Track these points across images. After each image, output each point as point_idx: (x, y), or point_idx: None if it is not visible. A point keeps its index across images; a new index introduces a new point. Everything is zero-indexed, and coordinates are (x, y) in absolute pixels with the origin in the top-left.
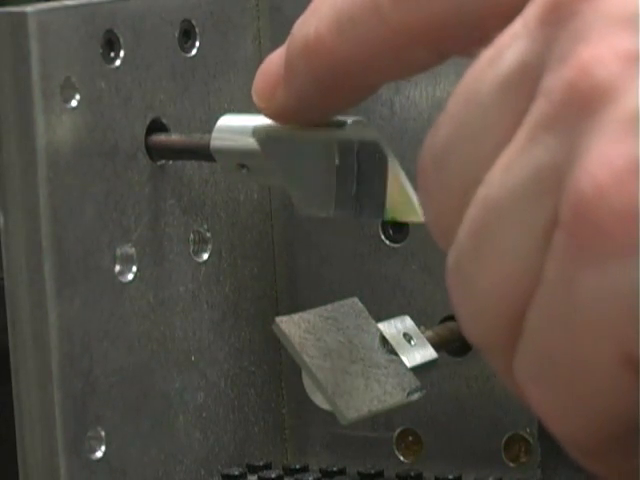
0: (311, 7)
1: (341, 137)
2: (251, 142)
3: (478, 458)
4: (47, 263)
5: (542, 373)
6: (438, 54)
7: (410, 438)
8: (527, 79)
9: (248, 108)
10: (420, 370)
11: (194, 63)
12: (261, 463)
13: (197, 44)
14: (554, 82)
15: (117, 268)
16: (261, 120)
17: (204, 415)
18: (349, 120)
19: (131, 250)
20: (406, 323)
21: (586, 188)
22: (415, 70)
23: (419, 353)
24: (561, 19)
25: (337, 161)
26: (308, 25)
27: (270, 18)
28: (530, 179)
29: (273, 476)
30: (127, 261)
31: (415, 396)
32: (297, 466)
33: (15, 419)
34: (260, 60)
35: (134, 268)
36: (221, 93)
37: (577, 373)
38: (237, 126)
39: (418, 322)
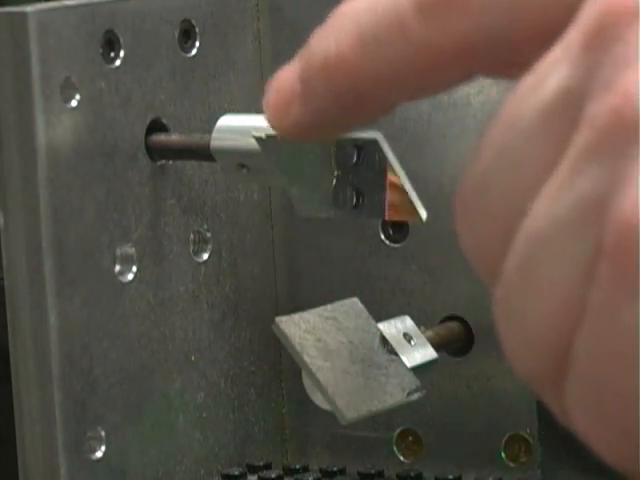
0: (330, 22)
1: (341, 137)
2: (251, 142)
3: (478, 458)
4: (47, 263)
5: (592, 402)
6: (465, 74)
7: (410, 438)
8: (570, 106)
9: (248, 108)
10: (420, 370)
11: (194, 63)
12: (261, 463)
13: (197, 44)
14: (597, 109)
15: (117, 268)
16: (261, 120)
17: (204, 415)
18: None
19: (131, 250)
20: (406, 323)
21: (629, 216)
22: (440, 89)
23: (419, 353)
24: (604, 45)
25: (337, 161)
26: (328, 41)
27: (270, 18)
28: (575, 210)
29: (273, 476)
30: (127, 261)
31: (415, 396)
32: (297, 466)
33: (15, 419)
34: (260, 60)
35: (134, 268)
36: (221, 93)
37: (626, 402)
38: (237, 126)
39: (418, 322)
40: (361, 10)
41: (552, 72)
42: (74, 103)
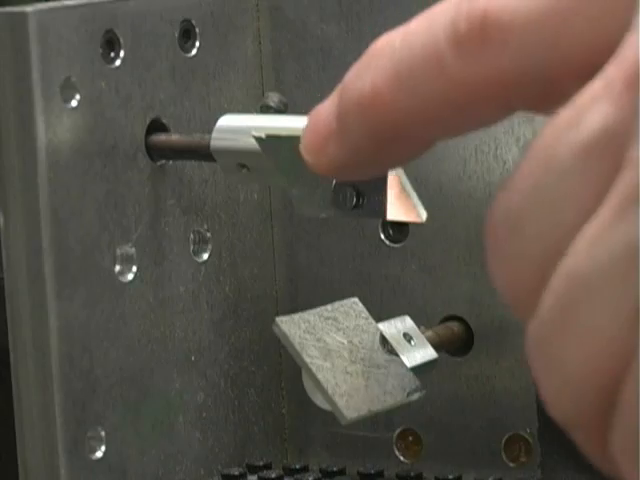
0: (365, 58)
1: None
2: (251, 142)
3: (478, 458)
4: (47, 263)
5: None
6: (505, 110)
7: (410, 438)
8: (612, 146)
9: (248, 108)
10: (420, 370)
11: (194, 63)
12: (261, 463)
13: (197, 44)
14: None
15: (117, 268)
16: (261, 120)
17: (204, 415)
18: None
19: (131, 250)
20: (406, 323)
21: None
22: (480, 125)
23: (419, 353)
24: None
25: None
26: (363, 78)
27: (270, 18)
28: (621, 256)
29: (273, 476)
30: (127, 261)
31: (415, 396)
32: (297, 466)
33: (15, 419)
34: (260, 60)
35: (134, 268)
36: (221, 93)
37: None
38: (237, 126)
39: (418, 322)
40: (396, 45)
41: (592, 109)
42: (74, 103)
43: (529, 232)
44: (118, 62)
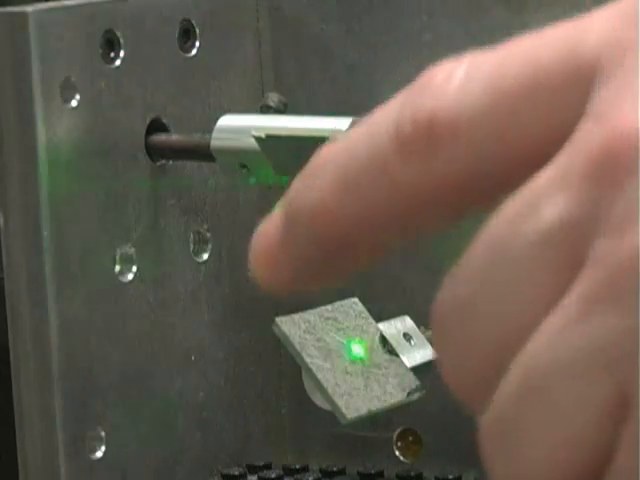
0: (310, 169)
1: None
2: (251, 142)
3: (478, 458)
4: (47, 263)
5: None
6: (454, 214)
7: (410, 438)
8: (571, 237)
9: (248, 108)
10: (420, 370)
11: (194, 63)
12: (261, 463)
13: (197, 44)
14: (609, 251)
15: (117, 268)
16: (261, 120)
17: (204, 415)
18: (349, 120)
19: (131, 250)
20: (406, 323)
21: None
22: (431, 229)
23: (419, 353)
24: (611, 179)
25: None
26: (309, 188)
27: (270, 18)
28: (583, 354)
29: (273, 476)
30: (127, 261)
31: (415, 396)
32: (297, 466)
33: (15, 419)
34: (260, 60)
35: (134, 268)
36: (221, 93)
37: None
38: (237, 126)
39: (418, 322)
40: (340, 153)
41: (548, 199)
42: (74, 103)
43: (480, 322)
44: (118, 62)
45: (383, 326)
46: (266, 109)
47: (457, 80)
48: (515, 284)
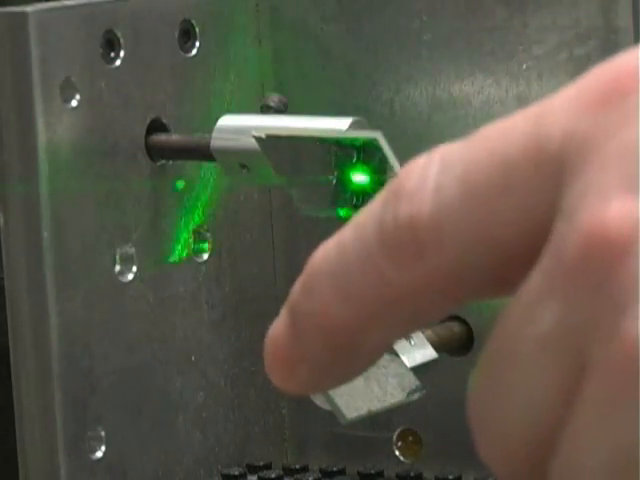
0: (306, 277)
1: (341, 137)
2: (251, 142)
3: (478, 458)
4: (47, 263)
5: None
6: (454, 302)
7: (410, 438)
8: (569, 341)
9: (248, 108)
10: (420, 370)
11: (194, 63)
12: (261, 463)
13: (197, 44)
14: (606, 360)
15: (117, 268)
16: (261, 120)
17: (204, 415)
18: (349, 120)
19: (131, 250)
20: None
21: None
22: (429, 321)
23: (419, 353)
24: (595, 280)
25: (337, 161)
26: (310, 297)
27: (270, 18)
28: (606, 463)
29: (273, 476)
30: (127, 261)
31: (415, 396)
32: (297, 466)
33: (15, 419)
34: (260, 60)
35: (134, 268)
36: (221, 93)
37: None
38: (237, 126)
39: None
40: (333, 260)
41: (542, 306)
42: (74, 103)
43: (509, 428)
44: (118, 62)
45: None
46: (266, 109)
47: (432, 182)
48: (528, 389)
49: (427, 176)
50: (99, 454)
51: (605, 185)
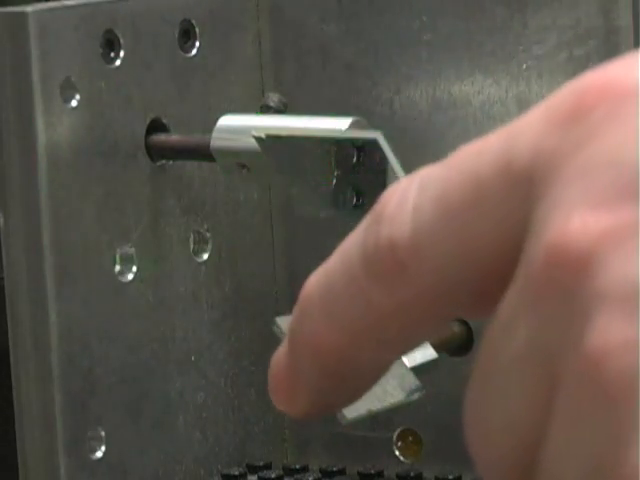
0: (301, 304)
1: (341, 137)
2: (251, 142)
3: None
4: (47, 263)
5: None
6: (438, 320)
7: (410, 438)
8: (542, 355)
9: (248, 108)
10: (420, 370)
11: (194, 63)
12: (261, 463)
13: (197, 44)
14: (574, 371)
15: (117, 268)
16: (261, 120)
17: (204, 415)
18: (349, 120)
19: (131, 250)
20: None
21: None
22: (419, 340)
23: (419, 353)
24: (562, 296)
25: (337, 161)
26: (304, 326)
27: (270, 18)
28: (580, 469)
29: (273, 476)
30: (127, 261)
31: (415, 396)
32: (297, 466)
33: (15, 419)
34: (260, 60)
35: (134, 268)
36: (221, 93)
37: None
38: (237, 126)
39: None
40: (322, 285)
41: (516, 322)
42: (74, 103)
43: (490, 438)
44: (118, 62)
45: None
46: (266, 109)
47: (410, 204)
48: (507, 403)
49: (406, 198)
50: (99, 454)
51: (568, 200)
